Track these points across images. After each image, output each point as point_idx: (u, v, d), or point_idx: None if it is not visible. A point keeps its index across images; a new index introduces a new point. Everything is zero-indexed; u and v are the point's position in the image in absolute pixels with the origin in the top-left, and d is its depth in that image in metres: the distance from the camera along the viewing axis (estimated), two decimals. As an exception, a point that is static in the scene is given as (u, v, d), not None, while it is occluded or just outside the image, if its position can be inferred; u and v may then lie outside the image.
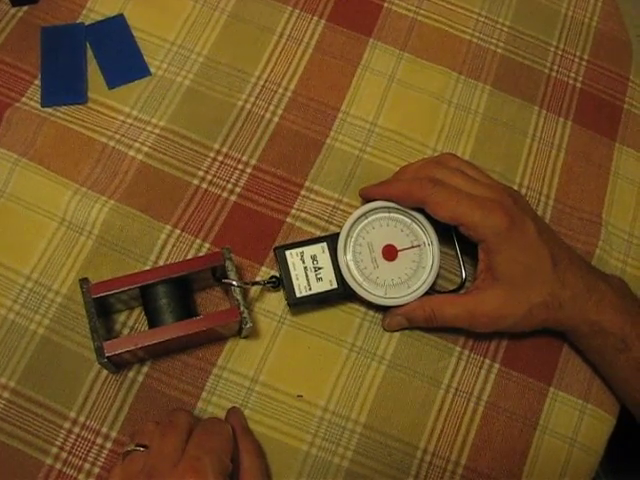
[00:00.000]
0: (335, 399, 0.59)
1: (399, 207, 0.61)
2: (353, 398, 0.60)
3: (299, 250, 0.60)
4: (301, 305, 0.60)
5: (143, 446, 0.49)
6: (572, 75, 0.73)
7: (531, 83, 0.72)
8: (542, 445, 0.61)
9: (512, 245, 0.57)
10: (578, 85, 0.72)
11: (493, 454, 0.60)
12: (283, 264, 0.59)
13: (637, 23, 0.87)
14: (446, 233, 0.62)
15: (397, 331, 0.62)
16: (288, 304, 0.60)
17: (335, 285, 0.60)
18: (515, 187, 0.67)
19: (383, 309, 0.61)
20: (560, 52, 0.73)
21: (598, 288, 0.59)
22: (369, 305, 0.61)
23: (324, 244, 0.60)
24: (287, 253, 0.59)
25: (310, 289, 0.59)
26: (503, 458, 0.60)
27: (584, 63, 0.73)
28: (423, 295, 0.59)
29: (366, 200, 0.62)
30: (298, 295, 0.59)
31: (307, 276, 0.59)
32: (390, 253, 0.60)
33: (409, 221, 0.61)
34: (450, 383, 0.61)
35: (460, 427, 0.60)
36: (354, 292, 0.59)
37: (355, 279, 0.59)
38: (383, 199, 0.61)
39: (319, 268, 0.60)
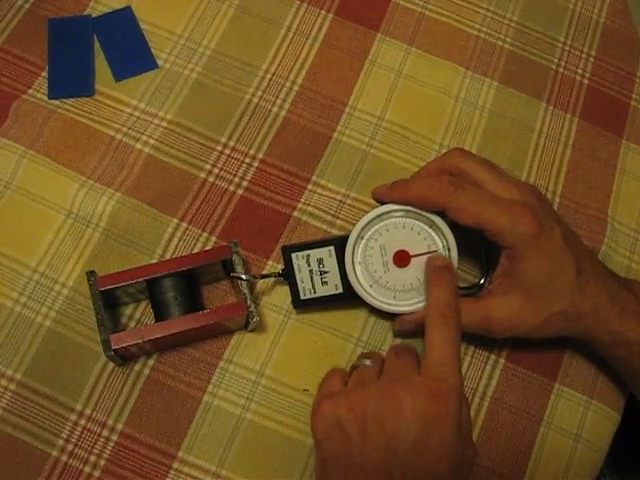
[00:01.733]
0: (341, 393, 0.60)
1: (416, 210, 0.57)
2: (359, 392, 0.60)
3: (305, 253, 0.58)
4: (306, 307, 0.60)
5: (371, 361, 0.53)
6: (579, 71, 0.73)
7: (538, 79, 0.72)
8: (546, 441, 0.61)
9: (539, 253, 0.55)
10: (585, 81, 0.72)
11: (497, 449, 0.60)
12: (289, 265, 0.59)
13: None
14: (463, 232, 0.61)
15: (408, 337, 0.61)
16: (293, 305, 0.60)
17: (340, 290, 0.59)
18: (522, 183, 0.67)
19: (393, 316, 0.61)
20: (568, 48, 0.73)
21: (620, 297, 0.57)
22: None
23: (331, 248, 0.58)
24: (293, 255, 0.58)
25: (315, 292, 0.59)
26: (507, 453, 0.60)
27: (591, 59, 0.73)
28: None
29: (379, 202, 0.59)
30: (302, 298, 0.59)
31: (312, 279, 0.59)
32: (402, 259, 0.58)
33: (426, 226, 0.58)
34: (455, 378, 0.61)
35: (465, 422, 0.60)
36: (359, 297, 0.58)
37: (361, 284, 0.58)
38: (400, 203, 0.57)
39: (325, 272, 0.59)
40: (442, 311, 0.52)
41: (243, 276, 0.56)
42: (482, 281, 0.61)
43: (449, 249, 0.58)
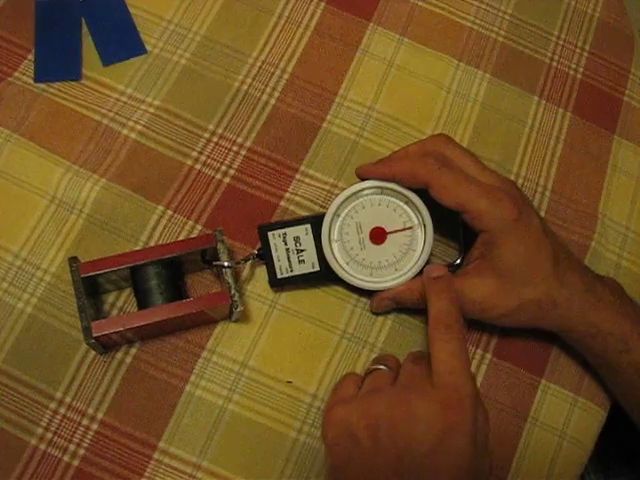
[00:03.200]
0: (325, 386, 0.59)
1: (393, 187, 0.57)
2: (343, 385, 0.59)
3: (282, 231, 0.58)
4: (282, 286, 0.60)
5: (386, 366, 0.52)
6: (573, 66, 0.72)
7: (531, 72, 0.71)
8: (532, 437, 0.60)
9: (516, 240, 0.55)
10: (579, 76, 0.72)
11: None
12: (265, 245, 0.58)
13: (638, 17, 0.86)
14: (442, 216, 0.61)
15: (385, 313, 0.61)
16: (269, 283, 0.59)
17: (317, 268, 0.59)
18: (512, 177, 0.66)
19: (370, 292, 0.60)
20: (561, 42, 0.73)
21: (596, 288, 0.58)
22: (361, 292, 0.60)
23: (308, 226, 0.58)
24: (269, 234, 0.58)
25: (292, 271, 0.58)
26: (492, 448, 0.59)
27: (585, 54, 0.73)
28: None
29: (362, 179, 0.59)
30: (279, 276, 0.58)
31: (289, 258, 0.58)
32: (378, 236, 0.58)
33: (402, 202, 0.58)
34: (441, 373, 0.61)
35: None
36: (336, 275, 0.58)
37: (338, 261, 0.58)
38: (384, 178, 0.57)
39: (302, 250, 0.58)
40: (445, 321, 0.51)
41: (225, 263, 0.55)
42: (458, 261, 0.61)
43: (424, 225, 0.58)
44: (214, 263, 0.56)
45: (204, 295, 0.56)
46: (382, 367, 0.53)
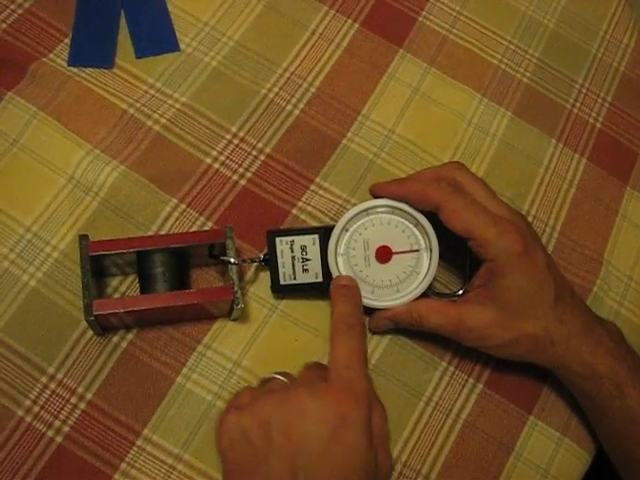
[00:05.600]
0: (315, 395, 0.59)
1: (404, 208, 0.58)
2: (332, 397, 0.59)
3: (289, 239, 0.59)
4: (283, 293, 0.60)
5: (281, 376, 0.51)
6: (593, 115, 0.73)
7: (552, 116, 0.72)
8: (514, 471, 0.60)
9: (520, 273, 0.56)
10: (598, 125, 0.73)
11: (464, 473, 0.59)
12: (271, 250, 0.59)
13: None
14: (450, 244, 0.62)
15: (383, 332, 0.62)
16: (271, 289, 0.60)
17: (320, 279, 0.59)
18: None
19: (370, 311, 0.60)
20: (584, 90, 0.74)
21: (595, 330, 0.58)
22: (361, 307, 0.61)
23: (316, 236, 0.59)
24: (277, 240, 0.59)
25: (295, 279, 0.59)
26: (474, 479, 0.59)
27: (606, 105, 0.74)
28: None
29: (375, 197, 0.60)
30: (282, 283, 0.59)
31: (294, 265, 0.59)
32: (384, 255, 0.59)
33: (412, 225, 0.59)
34: (431, 397, 0.61)
35: (435, 442, 0.60)
36: None
37: (341, 275, 0.58)
38: (396, 198, 0.58)
39: (307, 259, 0.59)
40: (347, 321, 0.52)
41: (231, 259, 0.56)
42: (460, 292, 0.61)
43: (431, 250, 0.59)
44: (221, 258, 0.56)
45: (207, 288, 0.57)
46: (277, 376, 0.51)
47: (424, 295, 0.59)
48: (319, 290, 0.60)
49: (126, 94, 0.65)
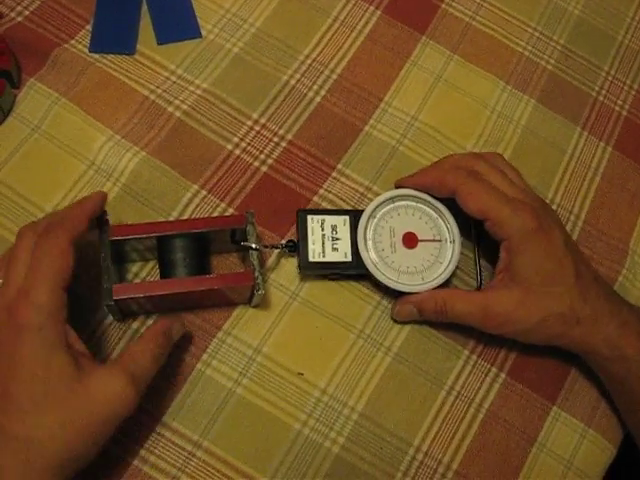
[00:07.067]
0: (335, 383, 0.58)
1: (428, 199, 0.60)
2: (353, 385, 0.59)
3: (321, 217, 0.59)
4: (311, 270, 0.60)
5: None
6: (619, 102, 0.72)
7: (577, 103, 0.71)
8: (537, 463, 0.59)
9: (536, 248, 0.56)
10: (624, 113, 0.72)
11: (486, 463, 0.58)
12: (302, 227, 0.59)
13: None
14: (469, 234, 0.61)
15: (406, 323, 0.61)
16: (299, 267, 0.59)
17: (349, 258, 0.59)
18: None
19: (395, 299, 0.60)
20: (610, 78, 0.73)
21: (622, 312, 0.57)
22: (384, 292, 0.61)
23: (347, 217, 0.60)
24: (308, 217, 0.59)
25: (324, 256, 0.59)
26: (495, 469, 0.59)
27: (633, 92, 0.73)
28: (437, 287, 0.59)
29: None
30: (311, 259, 0.59)
31: (323, 243, 0.59)
32: (411, 240, 0.60)
33: (435, 215, 0.61)
34: (453, 385, 0.60)
35: (457, 431, 0.59)
36: (366, 270, 0.58)
37: (370, 257, 0.59)
38: (417, 187, 0.60)
39: (337, 239, 0.59)
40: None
41: (253, 245, 0.55)
42: (479, 280, 0.62)
43: (454, 241, 0.60)
44: (242, 243, 0.56)
45: (228, 273, 0.56)
46: None
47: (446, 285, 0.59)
48: (347, 270, 0.60)
49: (147, 80, 0.65)
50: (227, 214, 0.61)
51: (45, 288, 0.46)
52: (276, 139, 0.65)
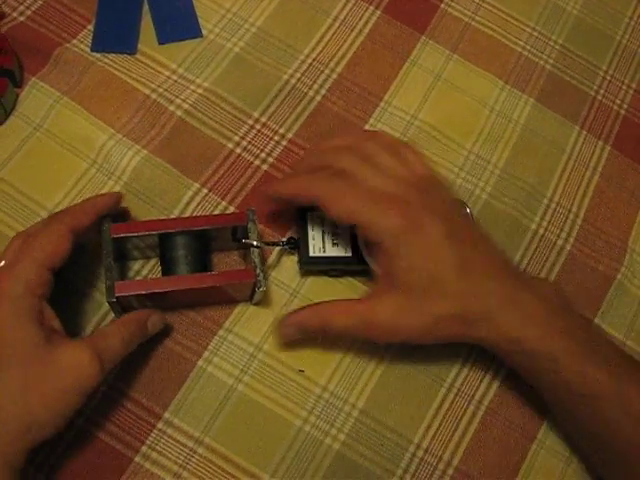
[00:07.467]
0: (336, 380, 0.59)
1: None
2: (354, 382, 0.59)
3: (320, 213, 0.58)
4: (312, 266, 0.60)
5: None
6: (617, 101, 0.73)
7: (575, 103, 0.72)
8: (537, 459, 0.59)
9: (411, 250, 0.51)
10: (622, 112, 0.72)
11: (486, 460, 0.59)
12: (302, 223, 0.59)
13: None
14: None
15: (295, 343, 0.58)
16: (299, 263, 0.60)
17: (349, 253, 0.59)
18: (545, 201, 0.67)
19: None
20: (609, 77, 0.73)
21: (521, 300, 0.52)
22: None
23: None
24: (308, 214, 0.60)
25: (324, 251, 0.59)
26: (496, 466, 0.59)
27: (631, 92, 0.73)
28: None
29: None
30: (311, 254, 0.59)
31: (324, 239, 0.59)
32: None
33: None
34: (453, 383, 0.60)
35: (457, 428, 0.59)
36: (365, 264, 0.58)
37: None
38: (282, 199, 0.57)
39: (337, 234, 0.60)
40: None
41: (254, 242, 0.56)
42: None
43: None
44: (243, 241, 0.56)
45: (229, 270, 0.56)
46: None
47: None
48: (347, 264, 0.60)
49: (149, 79, 0.65)
50: (228, 212, 0.62)
51: (30, 265, 0.48)
52: (277, 138, 0.65)
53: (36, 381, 0.46)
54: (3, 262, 0.50)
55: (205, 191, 0.62)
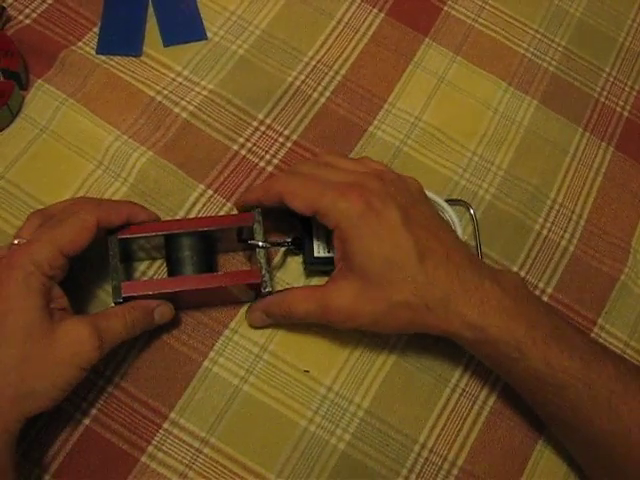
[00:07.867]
0: (341, 380, 0.59)
1: (437, 200, 0.61)
2: (359, 382, 0.59)
3: None
4: (317, 266, 0.60)
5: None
6: (620, 103, 0.73)
7: (578, 104, 0.72)
8: (541, 459, 0.59)
9: (367, 233, 0.51)
10: (625, 114, 0.73)
11: (491, 460, 0.59)
12: (306, 225, 0.59)
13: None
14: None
15: (264, 327, 0.59)
16: (304, 263, 0.60)
17: None
18: (549, 202, 0.67)
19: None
20: (612, 79, 0.74)
21: (481, 288, 0.52)
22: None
23: None
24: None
25: (328, 252, 0.59)
26: (500, 466, 0.59)
27: (634, 93, 0.74)
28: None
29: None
30: (316, 255, 0.59)
31: (328, 240, 0.59)
32: None
33: (439, 210, 0.61)
34: (458, 383, 0.61)
35: (461, 428, 0.59)
36: None
37: None
38: (251, 204, 0.58)
39: None
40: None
41: (259, 243, 0.56)
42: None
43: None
44: (249, 241, 0.57)
45: (235, 271, 0.57)
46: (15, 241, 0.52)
47: None
48: None
49: (154, 81, 0.65)
50: (233, 213, 0.62)
51: (47, 246, 0.49)
52: (281, 139, 0.65)
53: (35, 352, 0.47)
54: (18, 240, 0.51)
55: (210, 192, 0.62)
